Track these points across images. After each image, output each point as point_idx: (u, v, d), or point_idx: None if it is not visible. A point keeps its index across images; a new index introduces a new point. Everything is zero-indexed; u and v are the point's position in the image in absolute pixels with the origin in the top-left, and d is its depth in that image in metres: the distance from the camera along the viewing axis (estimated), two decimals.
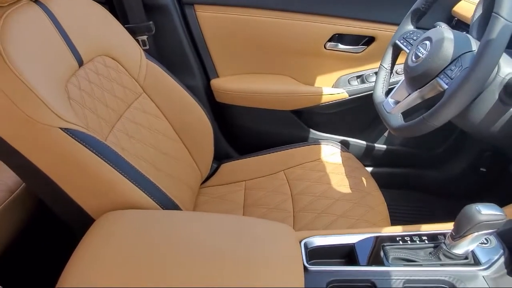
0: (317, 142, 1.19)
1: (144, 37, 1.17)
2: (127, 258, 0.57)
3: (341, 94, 1.23)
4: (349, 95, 1.23)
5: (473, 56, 0.69)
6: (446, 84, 0.73)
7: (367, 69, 1.24)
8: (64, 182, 0.68)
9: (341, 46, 1.21)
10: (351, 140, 1.35)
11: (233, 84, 1.29)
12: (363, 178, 1.07)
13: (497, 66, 0.76)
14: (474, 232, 0.60)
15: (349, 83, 1.25)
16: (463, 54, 0.74)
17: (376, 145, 1.35)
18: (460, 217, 0.61)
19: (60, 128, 0.64)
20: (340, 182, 1.06)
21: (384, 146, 1.35)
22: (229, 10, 1.21)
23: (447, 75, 0.74)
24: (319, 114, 1.29)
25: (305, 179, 1.10)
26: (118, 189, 0.69)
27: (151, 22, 1.16)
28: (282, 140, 1.24)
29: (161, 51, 1.21)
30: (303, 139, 1.28)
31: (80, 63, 0.81)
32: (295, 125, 1.32)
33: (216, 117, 1.33)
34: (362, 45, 1.21)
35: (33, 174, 0.67)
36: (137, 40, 1.15)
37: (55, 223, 1.04)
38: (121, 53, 0.95)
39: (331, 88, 1.25)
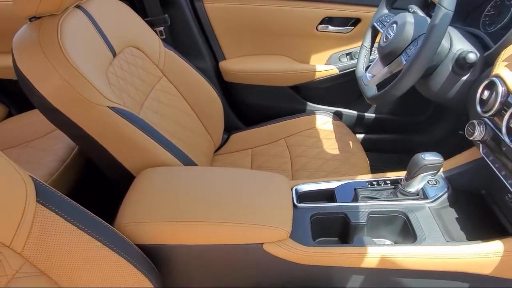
0: (312, 113, 1.38)
1: (161, 28, 1.36)
2: (165, 195, 0.78)
3: (333, 70, 1.41)
4: (340, 71, 1.41)
5: None
6: (405, 60, 0.91)
7: (355, 47, 1.40)
8: (111, 147, 0.88)
9: (331, 28, 1.38)
10: (343, 110, 1.53)
11: (238, 65, 1.47)
12: (350, 142, 1.26)
13: (450, 43, 0.93)
14: (420, 173, 0.79)
15: (339, 60, 1.42)
16: (420, 35, 0.91)
17: (366, 114, 1.53)
18: (410, 163, 0.80)
19: (107, 107, 0.84)
20: (331, 146, 1.26)
21: (373, 115, 1.53)
22: (233, 1, 1.38)
23: (407, 53, 0.92)
24: (314, 88, 1.47)
25: (302, 145, 1.30)
26: (152, 152, 0.90)
27: (166, 15, 1.34)
28: (282, 113, 1.41)
29: (176, 40, 1.40)
30: (300, 111, 1.45)
31: (114, 54, 1.01)
32: (293, 99, 1.51)
33: (225, 94, 1.51)
34: (350, 26, 1.38)
35: (87, 141, 0.88)
36: (156, 31, 1.32)
37: (99, 185, 1.26)
38: (144, 44, 1.13)
39: (324, 65, 1.43)
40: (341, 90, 1.48)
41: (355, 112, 1.53)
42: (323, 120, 1.35)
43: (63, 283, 0.59)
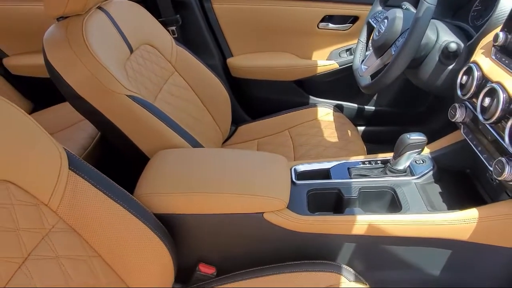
0: (314, 105, 1.47)
1: (173, 28, 1.47)
2: (178, 170, 0.89)
3: (333, 65, 1.50)
4: (340, 66, 1.50)
5: None
6: (394, 52, 0.99)
7: (354, 43, 1.49)
8: (128, 131, 0.99)
9: (331, 25, 1.47)
10: (344, 103, 1.61)
11: (245, 61, 1.57)
12: (348, 131, 1.35)
13: (437, 35, 1.01)
14: (406, 151, 0.88)
15: (339, 55, 1.51)
16: (407, 29, 1.00)
17: (366, 107, 1.61)
18: (397, 143, 0.89)
19: (126, 95, 0.95)
20: (330, 135, 1.34)
21: (373, 108, 1.61)
22: (240, 1, 1.49)
23: (396, 45, 1.00)
24: (316, 82, 1.56)
25: (304, 134, 1.39)
26: (165, 136, 1.00)
27: (178, 16, 1.45)
28: (287, 105, 1.50)
29: (186, 38, 1.50)
30: (303, 104, 1.53)
31: (131, 50, 1.12)
32: (296, 93, 1.60)
33: (233, 89, 1.60)
34: (348, 23, 1.47)
35: (108, 126, 0.98)
36: (168, 30, 1.44)
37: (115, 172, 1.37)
38: (158, 41, 1.24)
39: (325, 60, 1.52)
40: (342, 84, 1.57)
41: (355, 105, 1.61)
42: (324, 112, 1.44)
43: (90, 239, 0.69)
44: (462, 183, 0.94)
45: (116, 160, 1.26)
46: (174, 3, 1.44)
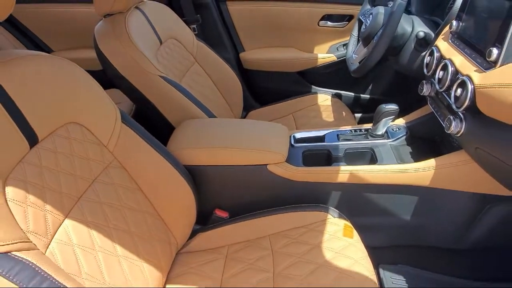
0: (315, 93, 1.69)
1: (194, 26, 1.72)
2: (200, 132, 1.11)
3: (332, 57, 1.72)
4: (337, 58, 1.72)
5: None
6: (375, 41, 1.21)
7: None
8: (159, 105, 1.22)
9: (330, 23, 1.70)
10: (342, 92, 1.82)
11: (255, 55, 1.81)
12: (343, 112, 1.56)
13: (412, 27, 1.23)
14: (382, 118, 1.09)
15: (337, 49, 1.74)
16: None
17: (361, 95, 1.82)
18: (375, 112, 1.10)
19: (159, 76, 1.19)
20: (327, 116, 1.56)
21: (368, 96, 1.81)
22: (251, 4, 1.73)
23: (378, 35, 1.22)
24: (317, 73, 1.79)
25: (305, 116, 1.60)
26: (189, 109, 1.23)
27: (198, 15, 1.70)
28: (291, 94, 1.72)
29: (205, 35, 1.75)
30: (306, 92, 1.76)
31: (161, 42, 1.36)
32: (300, 83, 1.82)
33: (244, 79, 1.83)
34: (345, 21, 1.69)
35: (143, 101, 1.22)
36: (190, 28, 1.68)
37: None
38: (182, 37, 1.48)
39: (325, 54, 1.74)
40: (340, 75, 1.78)
41: (352, 94, 1.82)
42: (323, 98, 1.66)
43: (135, 176, 0.92)
44: (430, 146, 1.14)
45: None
46: (195, 5, 1.69)
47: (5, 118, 0.65)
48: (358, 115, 1.86)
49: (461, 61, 0.90)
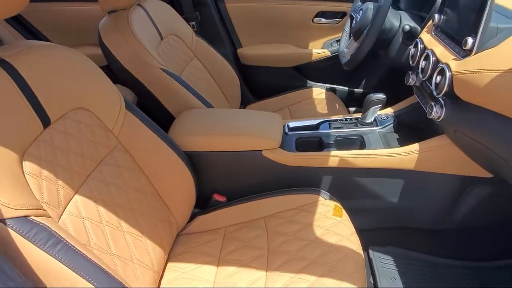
0: (310, 87, 1.76)
1: (194, 23, 1.79)
2: (198, 121, 1.18)
3: (325, 52, 1.79)
4: (331, 53, 1.79)
5: None
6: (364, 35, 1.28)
7: None
8: (160, 96, 1.29)
9: (323, 20, 1.77)
10: (337, 87, 1.89)
11: (252, 51, 1.88)
12: (336, 105, 1.63)
13: (400, 22, 1.30)
14: (371, 107, 1.16)
15: (331, 45, 1.81)
16: None
17: (355, 90, 1.88)
18: (364, 101, 1.17)
19: (160, 68, 1.25)
20: (322, 109, 1.63)
21: (361, 90, 1.88)
22: (248, 1, 1.80)
23: (367, 29, 1.29)
24: (311, 68, 1.85)
25: (301, 109, 1.68)
26: (188, 100, 1.29)
27: (197, 13, 1.77)
28: (287, 88, 1.79)
29: (204, 31, 1.81)
30: (301, 87, 1.83)
31: (162, 38, 1.43)
32: (295, 77, 1.89)
33: (242, 74, 1.90)
34: (338, 18, 1.76)
35: (145, 92, 1.28)
36: (189, 25, 1.75)
37: None
38: (182, 33, 1.55)
39: (319, 49, 1.81)
40: (334, 70, 1.84)
41: (346, 88, 1.89)
42: (318, 92, 1.73)
43: (137, 159, 0.98)
44: (416, 133, 1.20)
45: None
46: (194, 3, 1.76)
47: (21, 100, 0.72)
48: (352, 108, 1.92)
49: (441, 51, 0.97)
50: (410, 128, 1.22)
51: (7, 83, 0.70)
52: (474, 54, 0.84)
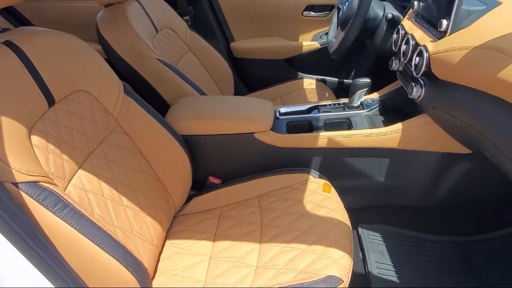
0: (300, 78, 1.82)
1: (187, 17, 1.84)
2: (192, 106, 1.24)
3: (315, 45, 1.86)
4: (321, 45, 1.86)
5: None
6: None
7: None
8: (156, 84, 1.34)
9: (313, 13, 1.84)
10: (327, 78, 1.95)
11: (245, 44, 1.94)
12: (326, 93, 1.69)
13: (383, 11, 1.36)
14: (357, 91, 1.22)
15: (320, 38, 1.87)
16: None
17: (345, 80, 1.95)
18: (350, 86, 1.23)
19: (155, 58, 1.31)
20: (312, 98, 1.69)
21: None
22: None
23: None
24: (302, 60, 1.92)
25: (292, 99, 1.74)
26: (182, 87, 1.35)
27: (191, 7, 1.82)
28: (278, 80, 1.85)
29: (198, 26, 1.87)
30: (292, 78, 1.88)
31: (157, 31, 1.48)
32: (287, 69, 1.95)
33: (235, 67, 1.94)
34: (327, 11, 1.83)
35: (141, 81, 1.33)
36: (183, 19, 1.81)
37: None
38: (176, 27, 1.60)
39: (309, 42, 1.88)
40: (324, 61, 1.91)
41: (336, 79, 1.95)
42: (308, 83, 1.79)
43: (136, 141, 1.04)
44: (400, 115, 1.27)
45: None
46: None
47: (28, 79, 0.77)
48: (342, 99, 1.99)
49: (420, 35, 1.04)
50: (394, 111, 1.29)
51: (16, 64, 0.76)
52: (449, 35, 0.90)
